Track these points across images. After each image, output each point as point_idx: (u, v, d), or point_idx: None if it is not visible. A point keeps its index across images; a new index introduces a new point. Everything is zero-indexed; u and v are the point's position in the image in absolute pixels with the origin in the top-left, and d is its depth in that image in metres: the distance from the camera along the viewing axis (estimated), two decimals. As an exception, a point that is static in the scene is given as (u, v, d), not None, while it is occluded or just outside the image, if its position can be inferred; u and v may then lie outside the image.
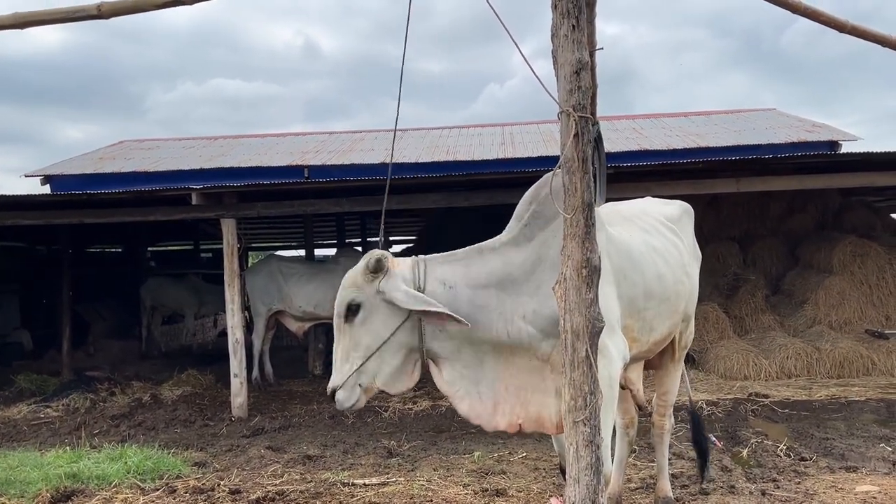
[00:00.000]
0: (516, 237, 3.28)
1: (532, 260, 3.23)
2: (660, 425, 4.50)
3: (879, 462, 5.34)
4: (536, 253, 3.23)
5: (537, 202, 3.27)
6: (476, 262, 3.25)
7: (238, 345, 7.92)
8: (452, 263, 3.28)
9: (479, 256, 3.27)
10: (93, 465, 5.51)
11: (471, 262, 3.26)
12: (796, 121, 13.49)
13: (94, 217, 8.38)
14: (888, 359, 8.68)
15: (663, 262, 3.82)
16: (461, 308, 3.13)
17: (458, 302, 3.16)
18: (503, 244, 3.29)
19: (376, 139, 14.11)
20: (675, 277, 3.88)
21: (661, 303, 3.75)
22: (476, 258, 3.26)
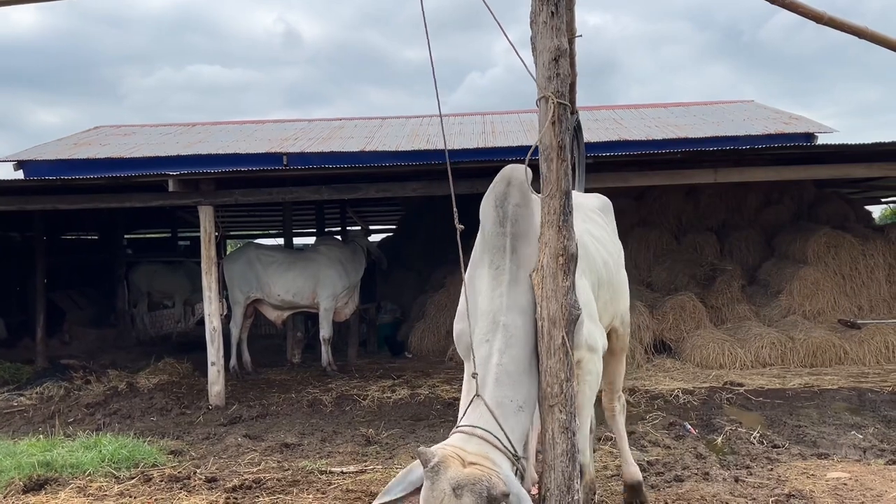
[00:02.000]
0: (514, 276, 3.04)
1: (531, 289, 3.05)
2: (610, 408, 4.54)
3: (850, 449, 5.43)
4: (531, 281, 3.06)
5: (511, 222, 3.12)
6: (506, 345, 2.91)
7: (215, 333, 7.86)
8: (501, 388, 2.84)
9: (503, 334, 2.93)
10: (67, 454, 5.45)
11: (505, 352, 2.90)
12: (774, 113, 13.61)
13: (69, 203, 8.25)
14: (860, 348, 8.82)
15: (605, 250, 3.89)
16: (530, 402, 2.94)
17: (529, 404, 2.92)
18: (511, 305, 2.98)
19: (356, 127, 14.03)
20: (615, 263, 3.96)
21: (608, 289, 3.80)
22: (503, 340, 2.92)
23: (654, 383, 8.06)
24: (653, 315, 9.64)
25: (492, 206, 3.20)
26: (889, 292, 9.92)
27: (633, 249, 10.86)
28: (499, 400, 2.79)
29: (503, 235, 3.10)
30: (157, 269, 13.75)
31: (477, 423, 2.74)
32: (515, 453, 2.74)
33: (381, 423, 6.75)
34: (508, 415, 2.78)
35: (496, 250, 3.10)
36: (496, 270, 3.07)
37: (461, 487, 2.48)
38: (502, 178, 3.27)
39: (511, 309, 2.97)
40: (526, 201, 3.19)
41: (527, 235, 3.12)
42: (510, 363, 2.87)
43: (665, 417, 6.55)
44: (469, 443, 2.68)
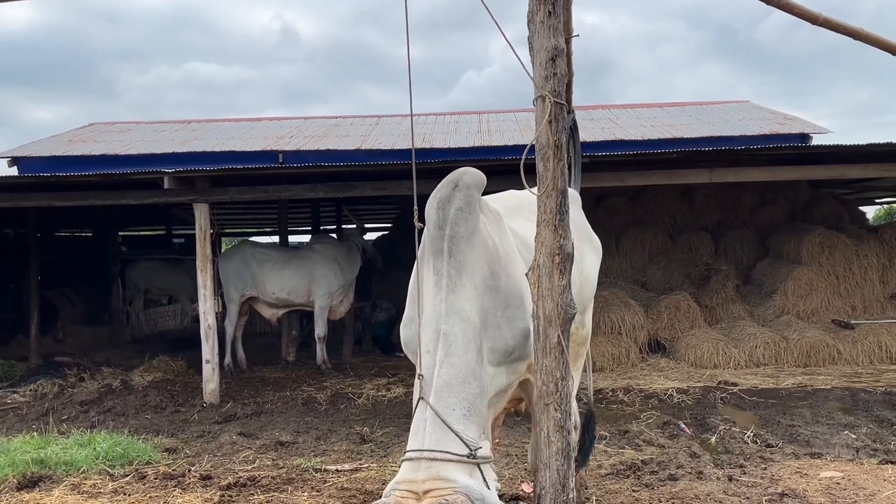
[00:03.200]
0: (453, 280, 2.98)
1: (472, 293, 3.01)
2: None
3: (843, 448, 5.45)
4: (471, 283, 3.02)
5: (451, 225, 3.06)
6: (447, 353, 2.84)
7: (210, 330, 7.85)
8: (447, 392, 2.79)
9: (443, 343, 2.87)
10: (61, 451, 5.44)
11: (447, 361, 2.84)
12: (769, 113, 13.65)
13: (64, 200, 8.23)
14: (853, 348, 8.86)
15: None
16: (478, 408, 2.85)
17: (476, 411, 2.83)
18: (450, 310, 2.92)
19: (352, 125, 14.02)
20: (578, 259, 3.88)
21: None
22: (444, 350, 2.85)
23: (649, 382, 8.08)
24: (647, 314, 9.66)
25: (434, 208, 3.17)
26: (883, 293, 9.97)
27: (627, 249, 10.90)
28: (443, 409, 2.73)
29: (441, 239, 3.06)
30: (155, 266, 13.74)
31: (423, 444, 2.69)
32: (472, 451, 2.67)
33: (376, 421, 6.75)
34: (455, 421, 2.72)
35: (436, 253, 3.06)
36: (437, 275, 3.03)
37: None
38: (450, 181, 3.24)
39: (450, 315, 2.91)
40: (470, 207, 3.13)
41: (469, 240, 3.06)
42: (451, 372, 2.79)
43: (659, 416, 6.57)
44: (418, 471, 2.63)
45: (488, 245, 3.17)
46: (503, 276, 3.16)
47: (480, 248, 3.11)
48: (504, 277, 3.16)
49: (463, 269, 3.00)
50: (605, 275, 10.66)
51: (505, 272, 3.18)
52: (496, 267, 3.15)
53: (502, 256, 3.22)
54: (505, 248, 3.28)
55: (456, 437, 2.67)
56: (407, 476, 2.63)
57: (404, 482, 2.61)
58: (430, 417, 2.72)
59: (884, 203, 16.24)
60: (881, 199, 15.01)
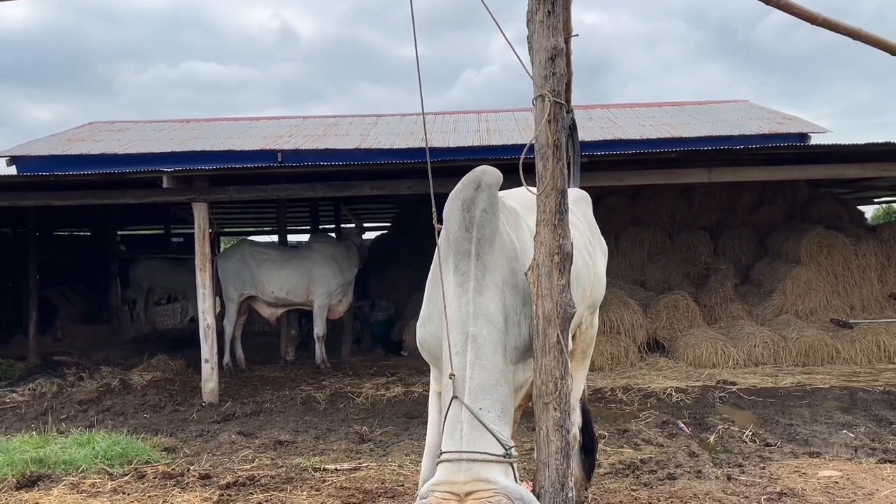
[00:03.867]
0: (480, 283, 2.98)
1: (497, 294, 3.02)
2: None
3: (842, 448, 5.46)
4: (495, 283, 3.02)
5: (477, 227, 3.06)
6: (477, 356, 2.84)
7: (209, 330, 7.85)
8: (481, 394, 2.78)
9: (472, 345, 2.86)
10: (59, 451, 5.44)
11: (477, 363, 2.83)
12: (768, 113, 13.66)
13: (62, 199, 8.22)
14: (852, 347, 8.87)
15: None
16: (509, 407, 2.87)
17: (508, 411, 2.85)
18: (477, 313, 2.91)
19: (351, 124, 14.02)
20: (581, 259, 3.84)
21: (573, 287, 3.76)
22: (473, 352, 2.85)
23: (648, 382, 8.09)
24: (646, 314, 9.67)
25: (458, 209, 3.14)
26: (881, 292, 9.98)
27: (626, 248, 10.90)
28: (478, 411, 2.73)
29: (469, 241, 3.04)
30: (159, 264, 13.70)
31: (462, 445, 2.66)
32: (507, 451, 2.67)
33: (375, 420, 6.75)
34: (491, 422, 2.72)
35: (462, 255, 3.04)
36: (462, 276, 3.00)
37: None
38: (471, 182, 3.22)
39: (478, 317, 2.90)
40: (493, 207, 3.14)
41: (492, 241, 3.06)
42: (483, 375, 2.80)
43: (658, 416, 6.57)
44: (459, 472, 2.60)
45: (507, 244, 3.18)
46: (521, 274, 3.18)
47: (501, 247, 3.11)
48: (522, 275, 3.18)
49: (487, 270, 3.00)
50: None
51: (523, 270, 3.19)
52: (515, 265, 3.16)
53: (520, 254, 3.23)
54: (522, 246, 3.29)
55: (492, 437, 2.67)
56: (448, 477, 2.60)
57: (445, 483, 2.59)
58: (467, 418, 2.70)
59: (882, 202, 16.26)
60: (880, 199, 15.03)
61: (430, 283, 3.30)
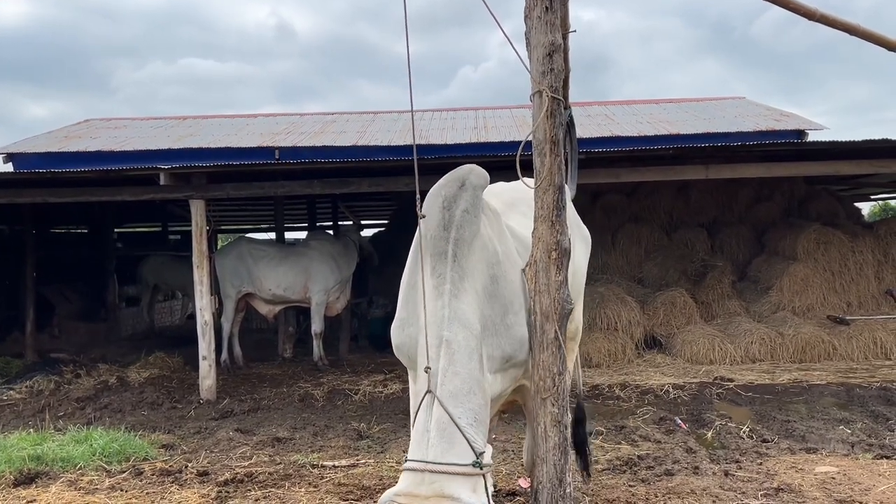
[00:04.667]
0: (456, 286, 2.88)
1: (473, 301, 2.92)
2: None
3: (838, 444, 5.48)
4: (473, 289, 2.93)
5: (456, 228, 2.96)
6: (450, 362, 2.77)
7: (207, 327, 7.84)
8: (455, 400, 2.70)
9: (446, 351, 2.79)
10: (57, 448, 5.44)
11: (451, 370, 2.76)
12: (765, 109, 13.67)
13: (59, 196, 8.21)
14: (848, 344, 8.89)
15: None
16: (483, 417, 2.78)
17: (483, 421, 2.77)
18: (452, 317, 2.83)
19: (348, 121, 14.00)
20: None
21: None
22: (446, 359, 2.77)
23: (645, 378, 8.10)
24: (644, 310, 9.68)
25: (438, 206, 3.03)
26: (878, 289, 9.99)
27: (624, 245, 10.91)
28: (451, 415, 2.64)
29: (446, 241, 2.93)
30: (166, 261, 13.66)
31: (427, 454, 2.57)
32: (478, 459, 2.59)
33: (373, 417, 6.76)
34: (464, 427, 2.64)
35: (438, 256, 2.93)
36: (438, 279, 2.89)
37: None
38: (456, 179, 3.11)
39: (453, 322, 2.80)
40: (475, 209, 3.03)
41: (471, 244, 2.95)
42: (455, 382, 2.71)
43: (656, 412, 6.58)
44: (421, 485, 2.52)
45: (488, 249, 3.06)
46: (502, 282, 3.06)
47: (481, 251, 3.00)
48: (503, 283, 3.06)
49: (465, 274, 2.90)
50: (602, 271, 10.69)
51: (504, 277, 3.08)
52: (496, 271, 3.05)
53: (502, 260, 3.12)
54: (504, 251, 3.18)
55: (463, 444, 2.58)
56: (409, 489, 2.52)
57: (406, 495, 2.51)
58: (436, 425, 2.62)
59: (879, 199, 16.28)
60: (876, 196, 15.04)
61: (405, 283, 3.19)
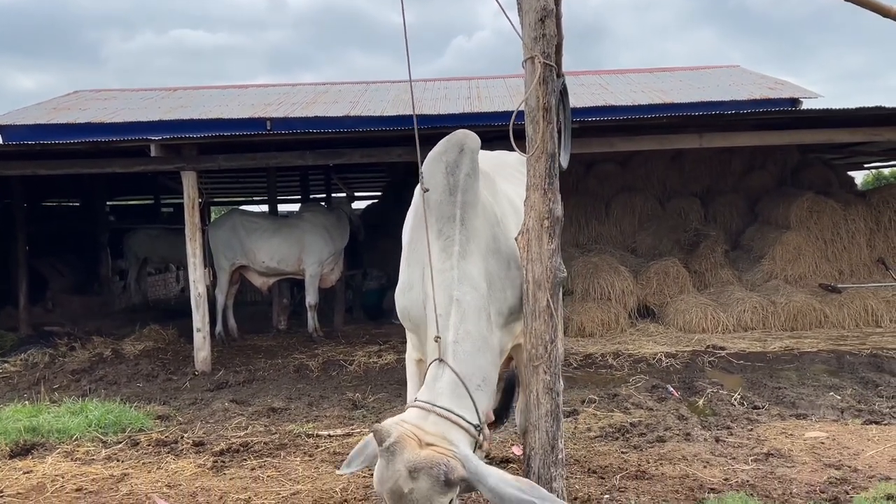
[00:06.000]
0: (464, 248, 2.95)
1: (480, 262, 3.01)
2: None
3: (828, 410, 5.54)
4: (478, 249, 3.01)
5: (462, 192, 3.04)
6: (461, 320, 2.81)
7: (200, 299, 7.84)
8: (464, 358, 2.76)
9: (457, 309, 2.83)
10: (53, 419, 5.45)
11: (462, 329, 2.81)
12: (759, 78, 13.60)
13: (49, 169, 8.14)
14: (840, 312, 8.96)
15: None
16: (491, 378, 2.87)
17: (490, 381, 2.85)
18: (462, 278, 2.89)
19: (340, 91, 13.88)
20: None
21: None
22: (457, 316, 2.83)
23: (638, 347, 8.15)
24: (637, 280, 9.72)
25: (442, 172, 3.10)
26: (870, 257, 10.04)
27: (617, 215, 10.92)
28: (460, 375, 2.70)
29: (453, 205, 3.01)
30: (157, 234, 13.59)
31: (437, 400, 2.65)
32: (477, 426, 2.66)
33: (368, 387, 6.79)
34: (473, 388, 2.70)
35: (446, 220, 3.01)
36: (446, 241, 2.96)
37: (417, 470, 2.42)
38: (455, 144, 3.18)
39: (462, 282, 2.88)
40: (475, 173, 3.12)
41: (475, 207, 3.06)
42: (466, 341, 2.77)
43: (648, 380, 6.63)
44: (427, 421, 2.59)
45: (488, 210, 3.17)
46: (503, 239, 3.16)
47: (483, 213, 3.11)
48: (503, 240, 3.16)
49: (472, 236, 2.98)
50: (595, 241, 10.71)
51: (504, 234, 3.18)
52: (496, 230, 3.15)
53: (501, 219, 3.22)
54: (501, 211, 3.28)
55: (470, 404, 2.65)
56: (415, 421, 2.58)
57: (412, 424, 2.57)
58: (448, 378, 2.68)
59: (872, 168, 16.29)
60: (870, 164, 15.04)
61: (407, 249, 3.27)
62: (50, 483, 4.35)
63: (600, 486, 4.04)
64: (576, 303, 9.31)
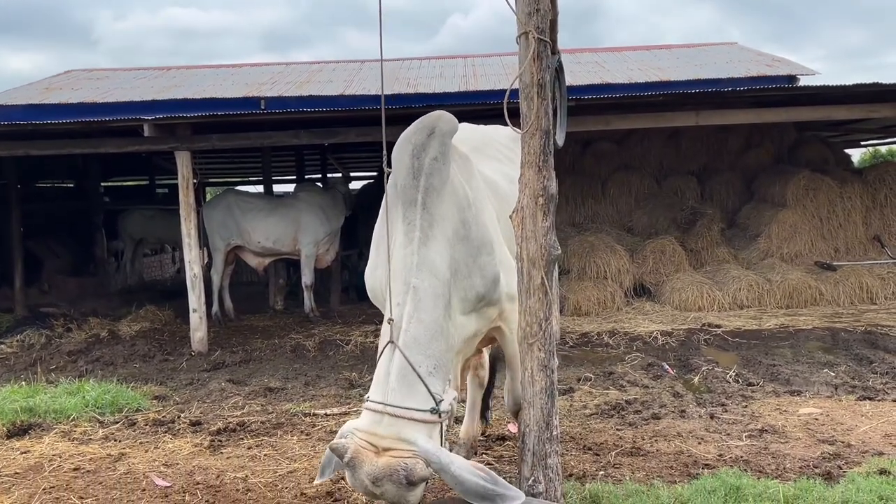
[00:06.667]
0: (425, 233, 2.93)
1: (444, 247, 2.97)
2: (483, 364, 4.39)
3: (822, 386, 5.57)
4: (444, 235, 2.97)
5: (426, 176, 3.00)
6: (416, 308, 2.82)
7: (196, 279, 7.83)
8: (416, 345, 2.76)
9: (413, 297, 2.83)
10: (50, 400, 5.46)
11: (416, 317, 2.81)
12: (756, 55, 13.51)
13: (41, 149, 8.09)
14: (835, 289, 8.98)
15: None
16: (445, 362, 2.85)
17: (444, 366, 2.83)
18: (420, 264, 2.87)
19: (334, 70, 13.77)
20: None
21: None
22: (412, 305, 2.83)
23: (634, 326, 8.18)
24: (633, 259, 9.73)
25: (408, 154, 3.07)
26: (865, 234, 10.06)
27: (614, 194, 10.91)
28: (411, 362, 2.71)
29: (416, 189, 2.98)
30: (152, 214, 13.53)
31: (388, 397, 2.65)
32: (435, 409, 2.67)
33: (364, 366, 6.81)
34: (423, 375, 2.71)
35: (408, 204, 2.98)
36: (408, 226, 2.95)
37: (379, 480, 2.51)
38: (424, 127, 3.13)
39: (421, 269, 2.86)
40: (445, 156, 3.06)
41: (440, 192, 2.99)
42: (419, 329, 2.78)
43: (644, 358, 6.67)
44: (380, 425, 2.62)
45: (459, 194, 3.10)
46: (474, 225, 3.10)
47: (452, 197, 3.04)
48: (475, 226, 3.10)
49: (435, 221, 2.95)
50: (592, 220, 10.70)
51: (476, 220, 3.12)
52: (467, 215, 3.08)
53: (473, 204, 3.15)
54: (475, 196, 3.22)
55: (422, 390, 2.67)
56: (369, 427, 2.64)
57: (366, 432, 2.63)
58: (397, 369, 2.70)
59: (869, 145, 16.26)
60: (866, 142, 15.02)
61: (377, 229, 3.25)
62: (48, 462, 4.36)
63: (595, 463, 4.06)
64: (572, 282, 9.32)
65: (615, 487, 3.51)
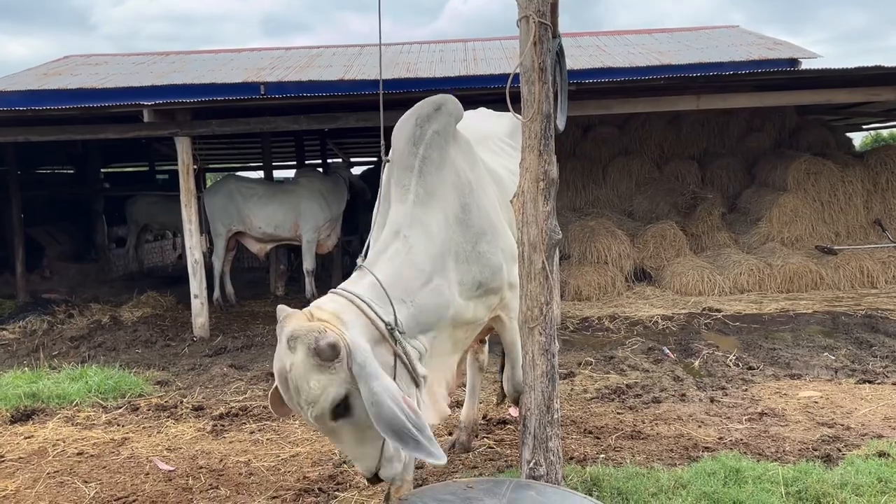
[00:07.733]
0: (420, 199, 2.86)
1: (441, 219, 2.89)
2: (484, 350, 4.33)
3: (822, 370, 5.59)
4: (442, 210, 2.89)
5: (425, 146, 2.93)
6: (406, 252, 2.75)
7: (197, 265, 7.84)
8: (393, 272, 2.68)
9: (403, 243, 2.77)
10: (52, 385, 5.50)
11: (402, 254, 2.74)
12: (758, 38, 13.45)
13: (40, 135, 8.07)
14: (836, 273, 8.99)
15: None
16: (428, 311, 2.73)
17: (425, 312, 2.72)
18: (414, 219, 2.80)
19: (334, 55, 13.71)
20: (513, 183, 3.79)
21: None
22: (402, 247, 2.76)
23: (634, 310, 8.20)
24: (633, 243, 9.72)
25: (412, 122, 2.98)
26: (866, 218, 10.04)
27: (615, 178, 10.88)
28: (382, 282, 2.61)
29: (413, 156, 2.89)
30: (157, 200, 13.52)
31: (355, 289, 2.57)
32: (390, 327, 2.52)
33: (366, 351, 6.82)
34: (393, 298, 2.59)
35: (404, 170, 2.90)
36: (402, 190, 2.86)
37: (294, 339, 2.34)
38: (432, 102, 3.07)
39: (415, 226, 2.77)
40: (446, 135, 3.00)
41: (439, 167, 2.92)
42: (404, 265, 2.69)
43: (644, 342, 6.68)
44: (332, 302, 2.53)
45: (461, 178, 3.04)
46: (475, 210, 3.02)
47: (452, 178, 2.98)
48: (476, 211, 3.02)
49: (433, 193, 2.88)
50: (592, 205, 10.69)
51: (477, 206, 3.04)
52: (468, 200, 3.01)
53: (475, 188, 3.08)
54: (477, 180, 3.15)
55: (384, 301, 2.55)
56: (319, 302, 2.56)
57: (315, 306, 2.53)
58: (368, 280, 2.62)
59: (870, 129, 16.21)
60: (868, 126, 14.97)
61: (377, 209, 3.17)
62: (51, 447, 4.39)
63: (596, 446, 4.09)
64: (573, 266, 9.33)
65: (616, 470, 3.54)
